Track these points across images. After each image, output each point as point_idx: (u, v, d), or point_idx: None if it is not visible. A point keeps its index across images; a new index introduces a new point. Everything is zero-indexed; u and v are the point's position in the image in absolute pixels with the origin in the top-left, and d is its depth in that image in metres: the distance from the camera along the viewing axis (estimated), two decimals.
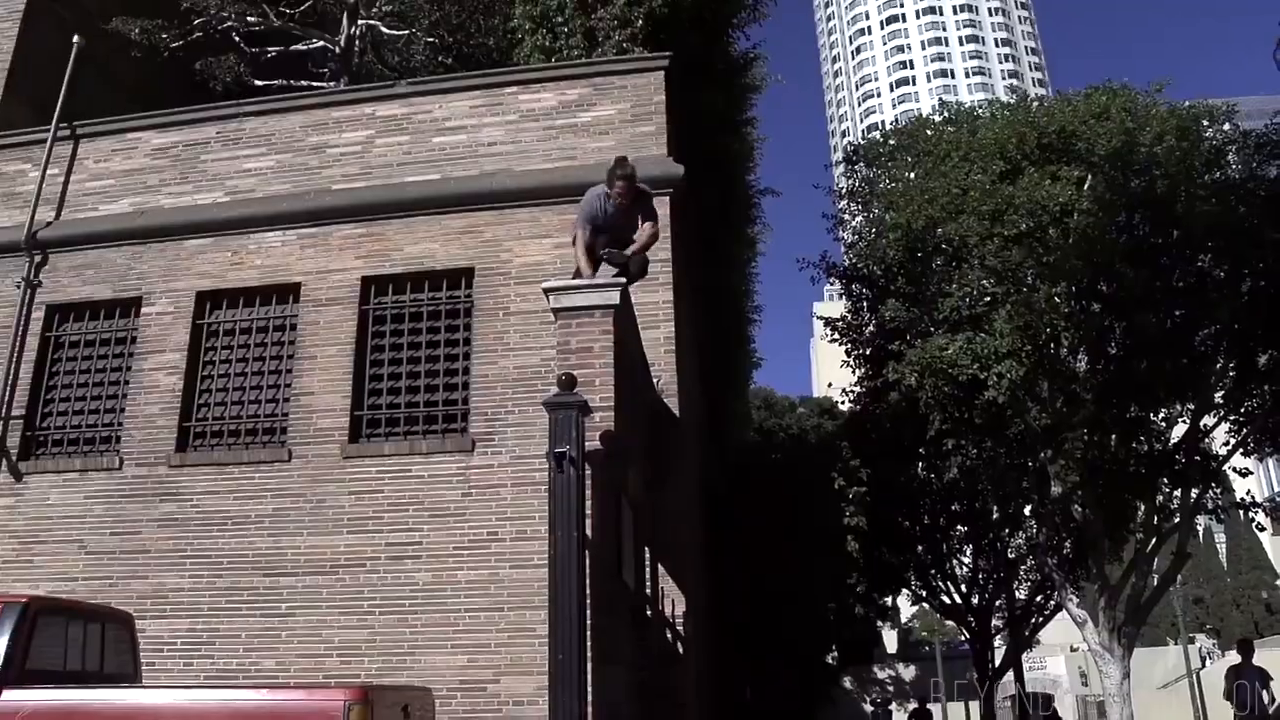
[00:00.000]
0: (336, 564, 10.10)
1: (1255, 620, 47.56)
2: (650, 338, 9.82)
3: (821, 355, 20.48)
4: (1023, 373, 13.85)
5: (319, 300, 11.08)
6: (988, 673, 25.93)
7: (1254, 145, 16.51)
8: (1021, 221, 13.97)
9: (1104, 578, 16.11)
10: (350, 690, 6.92)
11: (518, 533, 9.57)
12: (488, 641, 9.53)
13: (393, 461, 10.32)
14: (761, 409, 23.90)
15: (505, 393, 10.19)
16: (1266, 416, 16.40)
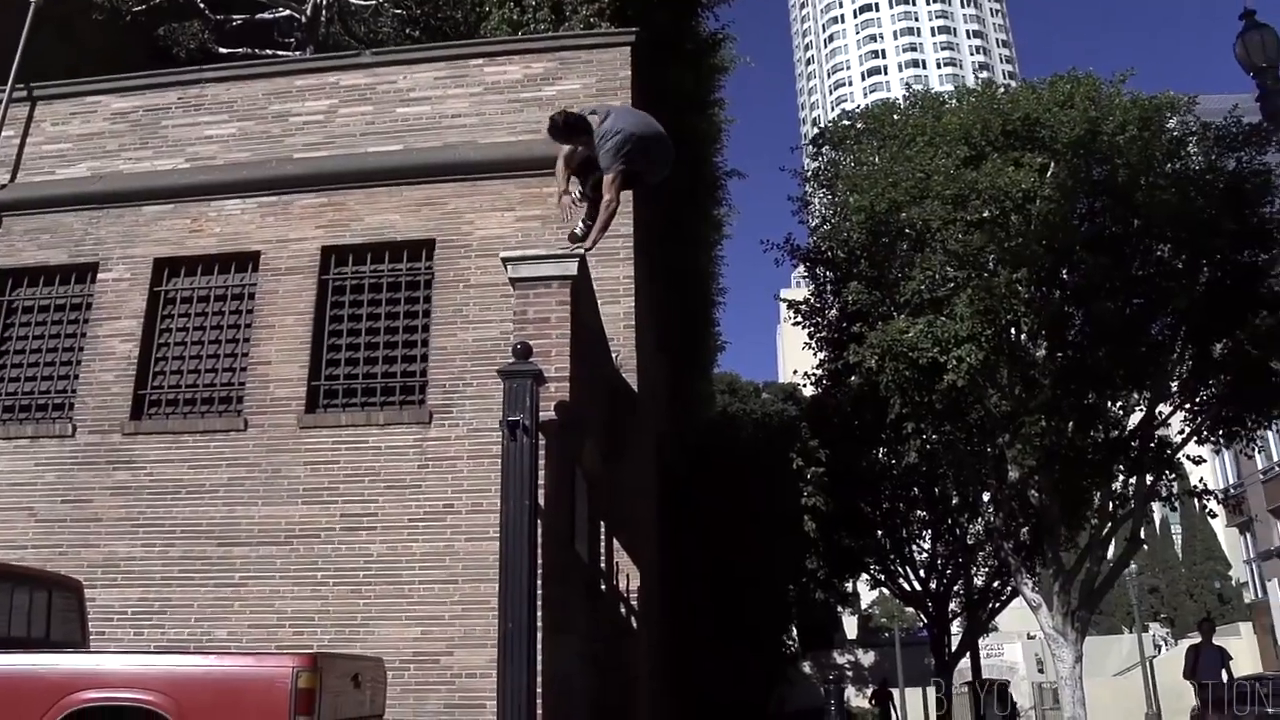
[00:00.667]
0: (291, 534, 10.05)
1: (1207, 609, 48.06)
2: (610, 313, 9.82)
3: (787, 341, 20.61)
4: (982, 357, 13.93)
5: (278, 269, 10.99)
6: (944, 658, 26.16)
7: (1214, 138, 16.64)
8: (984, 207, 14.05)
9: (1059, 563, 16.28)
10: (299, 657, 6.89)
11: (473, 505, 9.54)
12: (441, 614, 9.52)
13: (349, 432, 10.26)
14: (726, 393, 23.94)
15: (464, 365, 10.15)
16: (1220, 406, 16.60)
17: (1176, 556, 70.17)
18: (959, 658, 27.29)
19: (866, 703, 31.10)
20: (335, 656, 7.65)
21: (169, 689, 6.62)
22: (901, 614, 45.08)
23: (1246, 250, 16.15)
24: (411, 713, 9.18)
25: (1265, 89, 14.57)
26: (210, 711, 6.60)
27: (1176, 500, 18.40)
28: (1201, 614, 40.88)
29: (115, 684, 6.65)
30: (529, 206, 10.76)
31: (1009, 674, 45.51)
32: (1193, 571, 66.16)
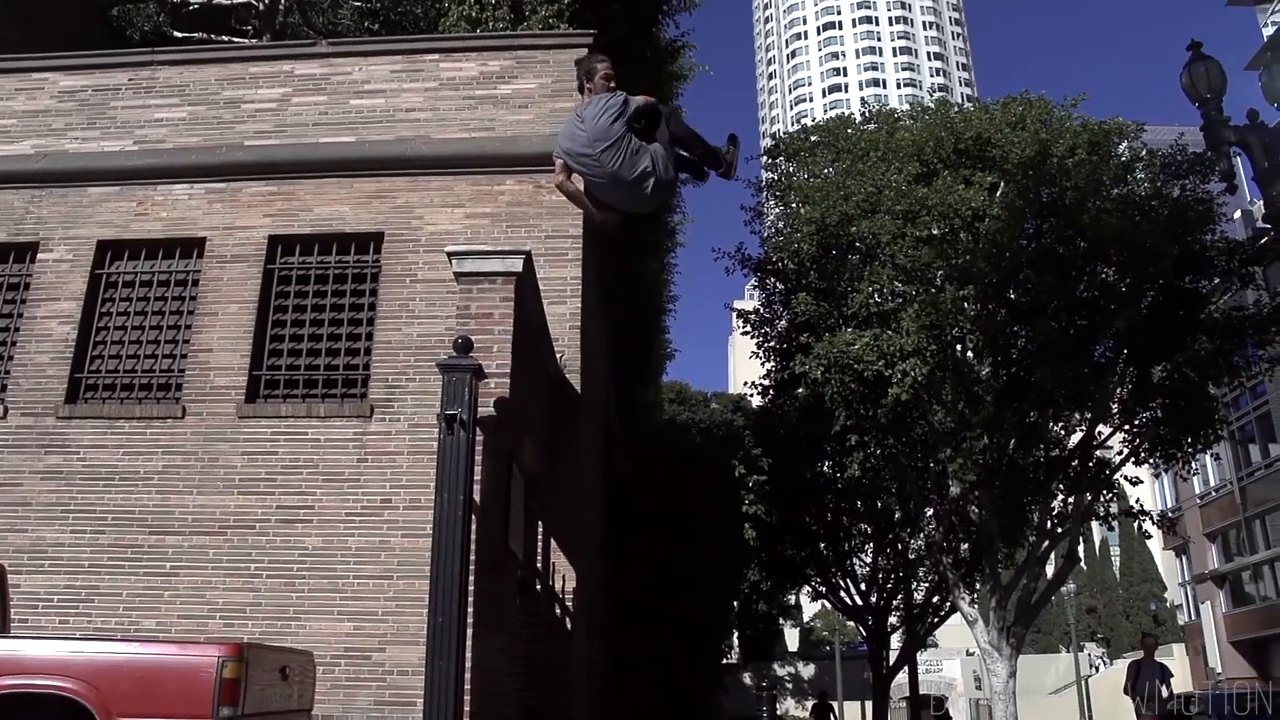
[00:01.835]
0: (225, 525, 9.91)
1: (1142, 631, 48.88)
2: (556, 313, 9.81)
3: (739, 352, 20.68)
4: (926, 371, 14.08)
5: (224, 256, 10.85)
6: (882, 672, 26.36)
7: (1160, 165, 16.95)
8: (934, 223, 14.21)
9: (997, 579, 16.47)
10: (225, 647, 6.78)
11: (411, 501, 9.46)
12: (375, 609, 9.43)
13: (289, 424, 10.15)
14: (675, 402, 23.98)
15: (407, 360, 10.08)
16: (1158, 428, 16.88)
17: (1115, 578, 71.37)
18: (896, 671, 27.51)
19: (808, 714, 31.32)
20: (263, 648, 7.53)
21: (90, 677, 6.50)
22: (843, 628, 45.37)
23: (1188, 276, 16.46)
24: (341, 708, 9.09)
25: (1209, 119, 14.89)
26: (132, 701, 6.48)
27: (1114, 520, 18.68)
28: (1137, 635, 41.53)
29: (33, 670, 6.52)
30: (479, 204, 10.73)
31: (947, 690, 46.12)
32: (1130, 593, 67.30)
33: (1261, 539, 44.14)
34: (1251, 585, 45.70)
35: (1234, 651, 45.36)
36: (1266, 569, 44.16)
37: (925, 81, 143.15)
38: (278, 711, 7.46)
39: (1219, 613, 46.83)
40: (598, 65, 6.23)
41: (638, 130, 5.98)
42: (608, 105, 5.92)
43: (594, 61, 6.30)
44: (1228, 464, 45.50)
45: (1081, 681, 45.74)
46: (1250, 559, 44.68)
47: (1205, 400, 16.91)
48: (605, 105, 5.93)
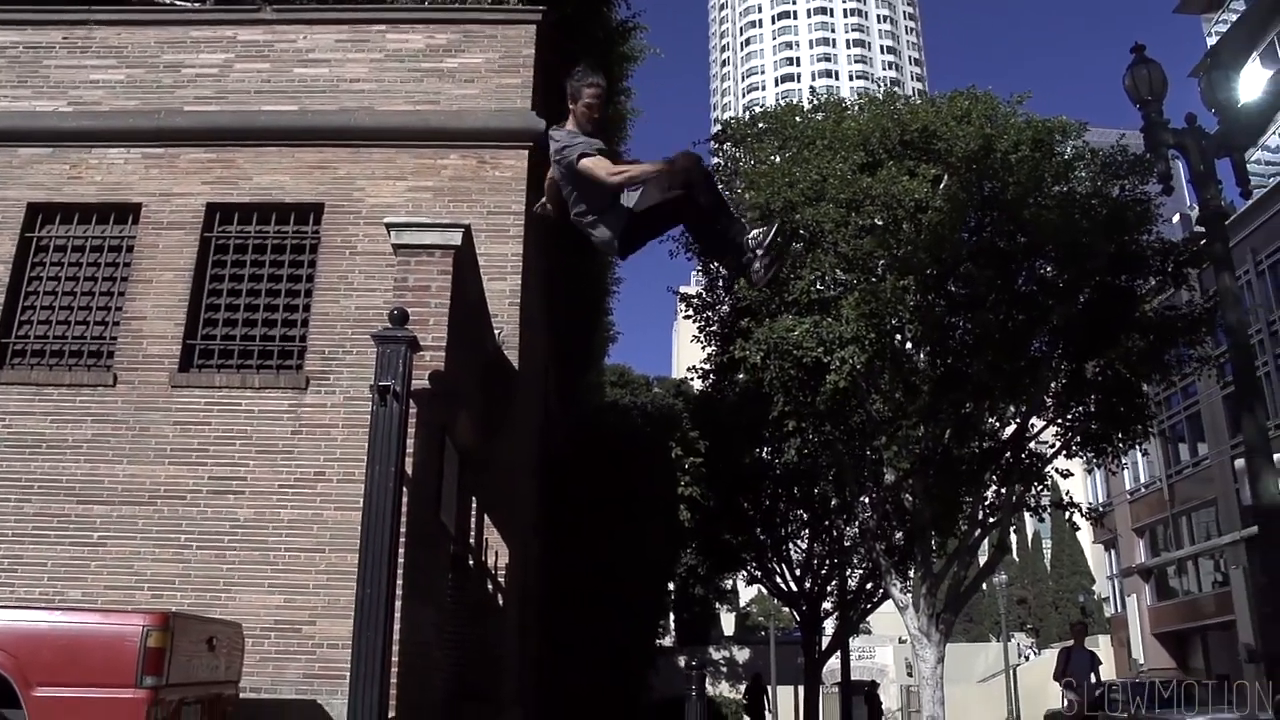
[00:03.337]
0: (155, 495, 9.77)
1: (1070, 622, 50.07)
2: (495, 289, 9.78)
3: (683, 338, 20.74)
4: (865, 359, 14.22)
5: (160, 223, 10.66)
6: (814, 657, 26.66)
7: (1100, 164, 17.22)
8: (877, 213, 14.35)
9: (928, 566, 16.70)
10: (149, 615, 6.71)
11: (345, 474, 9.39)
12: (306, 582, 9.36)
13: (222, 394, 10.02)
14: (617, 385, 24.00)
15: (345, 332, 9.99)
16: (1090, 422, 17.19)
17: (1045, 570, 72.80)
18: (828, 657, 27.86)
19: (742, 697, 31.62)
20: (189, 617, 7.46)
21: (9, 645, 6.39)
22: (778, 613, 45.81)
23: (1124, 275, 16.74)
24: (270, 681, 9.02)
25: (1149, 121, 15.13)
26: (54, 670, 6.39)
27: (1044, 511, 19.01)
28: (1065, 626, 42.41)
29: None
30: (422, 177, 10.65)
31: (879, 676, 46.69)
32: (1060, 585, 68.67)
33: (1187, 535, 45.18)
34: (1176, 580, 46.76)
35: (1157, 643, 46.45)
36: (1190, 564, 45.21)
37: (878, 74, 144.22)
38: (204, 682, 7.40)
39: (1144, 606, 47.90)
40: (584, 90, 5.52)
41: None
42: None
43: (582, 83, 5.54)
44: (1157, 462, 46.49)
45: (1010, 670, 46.59)
46: (1175, 554, 45.71)
47: (1136, 397, 17.24)
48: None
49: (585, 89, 5.50)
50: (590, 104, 5.50)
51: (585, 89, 5.50)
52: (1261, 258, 39.35)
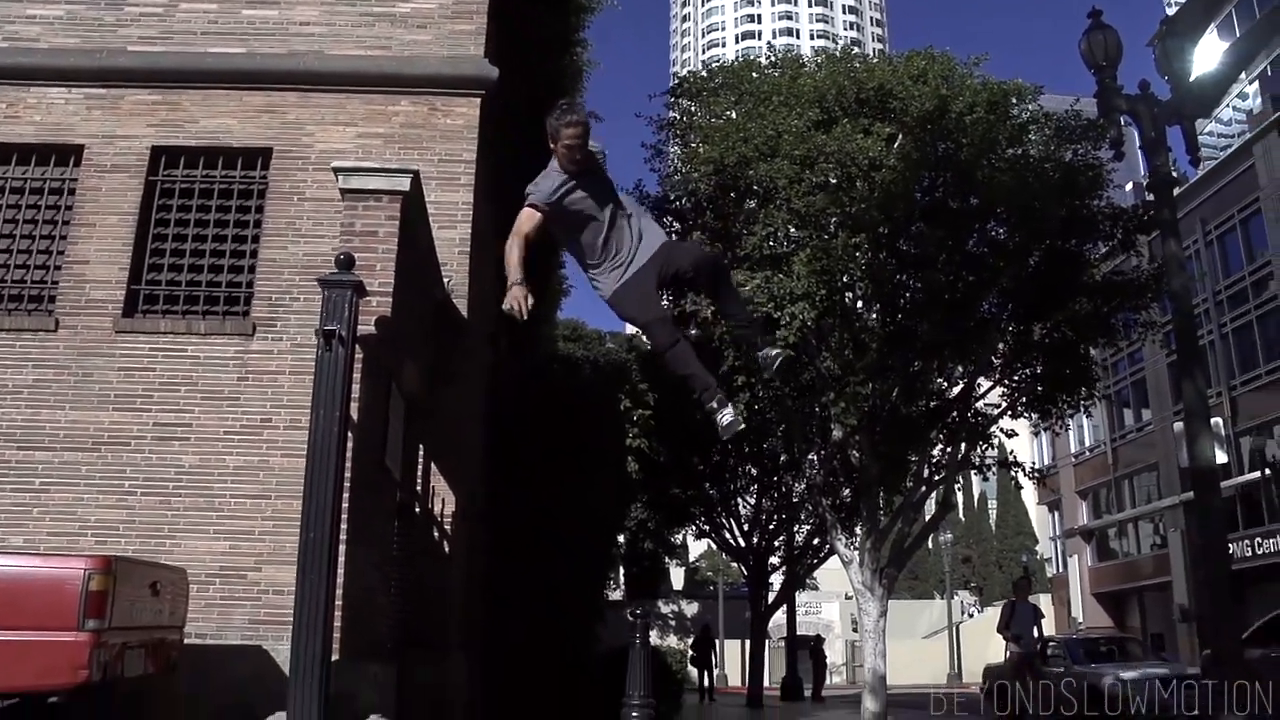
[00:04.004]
0: (99, 441, 9.67)
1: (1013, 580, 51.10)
2: (445, 237, 9.72)
3: None
4: (815, 316, 14.32)
5: (103, 166, 10.46)
6: (760, 610, 27.03)
7: (1054, 128, 17.35)
8: (830, 171, 14.40)
9: (874, 522, 16.93)
10: (92, 559, 6.69)
11: (292, 421, 9.33)
12: (252, 529, 9.34)
13: (167, 340, 9.90)
14: (569, 339, 23.92)
15: (292, 279, 9.90)
16: (1036, 384, 17.44)
17: (990, 530, 74.08)
18: (774, 610, 28.25)
19: (690, 649, 32.05)
20: (132, 562, 7.43)
21: None
22: (727, 568, 46.31)
23: (1074, 239, 16.92)
24: (216, 626, 9.02)
25: (1103, 85, 15.24)
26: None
27: (989, 470, 19.31)
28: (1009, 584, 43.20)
29: None
30: (372, 123, 10.53)
31: (825, 631, 47.55)
32: (1004, 545, 69.94)
33: (1129, 498, 46.11)
34: (1116, 542, 47.78)
35: (1096, 603, 47.52)
36: (1131, 527, 46.19)
37: (839, 33, 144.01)
38: (148, 626, 7.39)
39: (1084, 566, 48.94)
40: (563, 130, 5.08)
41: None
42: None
43: (561, 122, 5.10)
44: (1102, 426, 47.32)
45: (953, 626, 47.52)
46: (1116, 517, 46.67)
47: (1082, 360, 17.50)
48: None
49: (564, 129, 5.09)
50: (570, 145, 5.09)
51: (564, 129, 5.09)
52: (1210, 228, 39.94)
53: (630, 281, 5.23)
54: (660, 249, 5.32)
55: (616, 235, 5.26)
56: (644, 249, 5.29)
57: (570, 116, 5.15)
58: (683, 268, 5.31)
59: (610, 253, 5.27)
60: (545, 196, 5.20)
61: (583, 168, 5.18)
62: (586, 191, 5.22)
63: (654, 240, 5.36)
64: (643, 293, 5.23)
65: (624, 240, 5.27)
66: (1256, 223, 37.86)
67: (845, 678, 51.82)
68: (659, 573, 30.93)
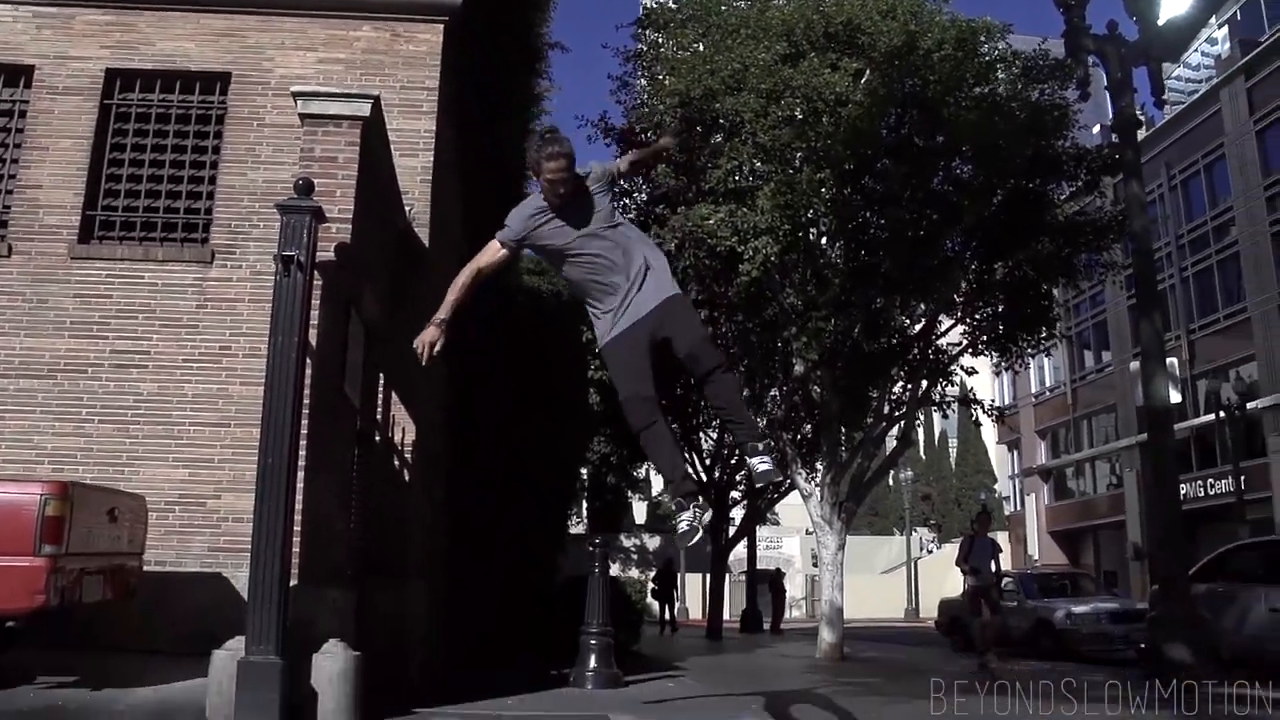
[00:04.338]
0: (55, 369, 9.57)
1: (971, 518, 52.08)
2: (407, 165, 9.61)
3: None
4: (779, 250, 14.31)
5: (55, 88, 10.21)
6: (721, 544, 27.34)
7: (1021, 67, 17.31)
8: (797, 105, 14.33)
9: (834, 457, 17.11)
10: (48, 484, 6.68)
11: (252, 349, 9.26)
12: (211, 457, 9.32)
13: (124, 266, 9.78)
14: (534, 272, 23.77)
15: (251, 206, 9.77)
16: (996, 323, 17.59)
17: (950, 469, 75.11)
18: (734, 544, 28.59)
19: (652, 582, 32.46)
20: (89, 487, 7.41)
21: None
22: None
23: (1039, 179, 16.97)
24: (175, 554, 9.04)
25: (1071, 25, 15.23)
26: None
27: (949, 406, 19.52)
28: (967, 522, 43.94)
29: None
30: (333, 49, 10.35)
31: (786, 566, 48.23)
32: (963, 483, 70.99)
33: (1087, 438, 46.84)
34: (1073, 481, 48.60)
35: (1051, 541, 48.44)
36: (1088, 466, 46.96)
37: None
38: (106, 553, 7.40)
39: (1041, 505, 49.81)
40: (544, 164, 4.88)
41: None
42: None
43: (540, 154, 4.91)
44: (1063, 366, 47.91)
45: (912, 562, 48.39)
46: (1074, 456, 47.43)
47: (1043, 299, 17.65)
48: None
49: (545, 161, 4.88)
50: (552, 180, 4.89)
51: (545, 161, 4.88)
52: (1175, 172, 40.18)
53: (621, 338, 4.99)
54: (661, 306, 4.96)
55: (608, 275, 5.01)
56: (644, 298, 4.98)
57: (551, 149, 4.90)
58: (677, 346, 4.95)
59: (603, 293, 5.05)
60: (514, 234, 5.15)
61: (568, 200, 4.98)
62: (572, 225, 5.02)
63: (656, 290, 4.99)
64: (631, 359, 4.96)
65: (618, 282, 5.00)
66: (1221, 168, 38.13)
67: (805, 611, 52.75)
68: (622, 507, 31.16)
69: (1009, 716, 8.05)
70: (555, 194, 4.96)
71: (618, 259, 5.02)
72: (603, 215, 5.09)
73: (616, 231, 5.11)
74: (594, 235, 5.05)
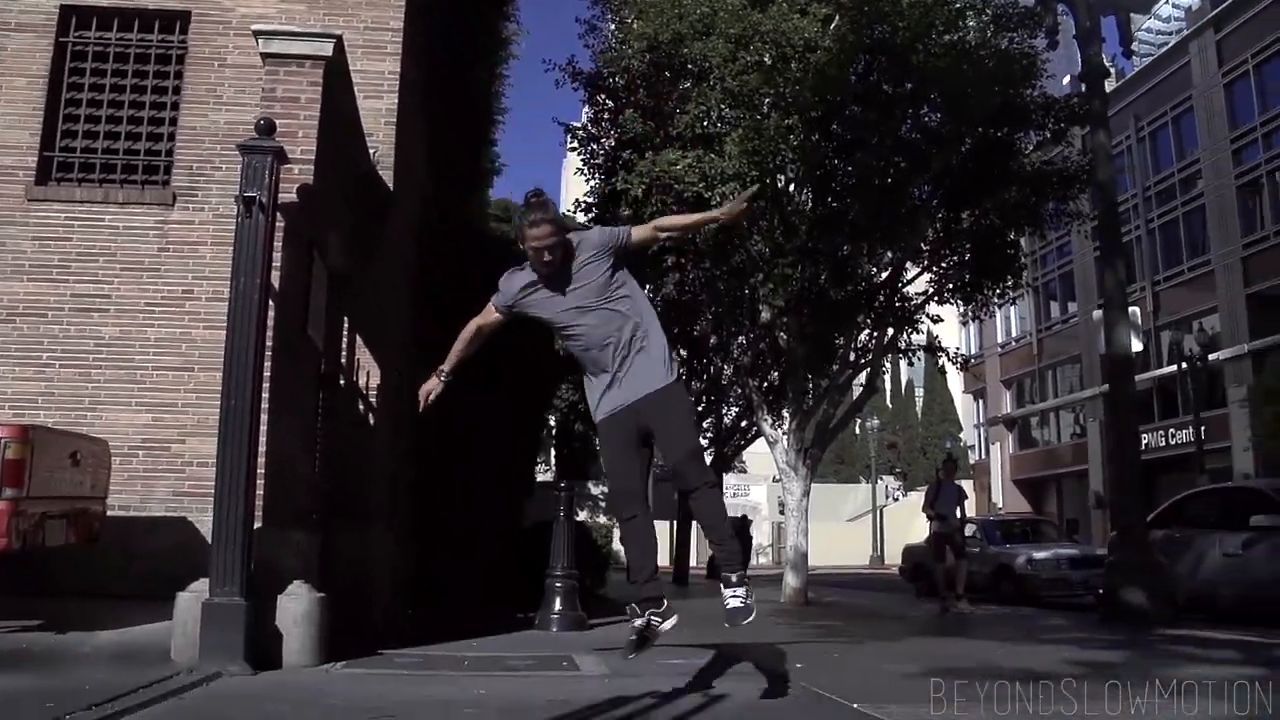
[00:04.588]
0: (14, 312, 9.49)
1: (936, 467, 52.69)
2: (371, 107, 9.50)
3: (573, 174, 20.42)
4: None
5: (7, 25, 9.98)
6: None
7: (991, 15, 17.21)
8: (765, 51, 14.20)
9: (800, 403, 17.19)
10: (8, 428, 6.63)
11: (214, 293, 9.18)
12: (175, 401, 9.29)
13: (84, 209, 9.66)
14: (502, 219, 23.67)
15: (213, 148, 9.64)
16: (962, 271, 17.67)
17: (917, 417, 75.86)
18: None
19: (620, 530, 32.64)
20: (50, 431, 7.37)
21: None
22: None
23: (1006, 128, 16.95)
24: (139, 498, 9.04)
25: None
26: None
27: (914, 353, 19.64)
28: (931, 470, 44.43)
29: None
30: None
31: (752, 513, 48.68)
32: (929, 432, 71.74)
33: (1051, 388, 47.38)
34: (1037, 430, 49.21)
35: (1015, 489, 49.13)
36: (1052, 416, 47.55)
37: None
38: (69, 496, 7.37)
39: (1006, 453, 50.43)
40: (528, 232, 4.87)
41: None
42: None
43: (524, 223, 4.92)
44: (1029, 317, 48.33)
45: (877, 510, 48.93)
46: (1039, 406, 47.98)
47: (1009, 248, 17.71)
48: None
49: (528, 229, 4.87)
50: (536, 249, 4.87)
51: (528, 229, 4.87)
52: (1144, 124, 40.36)
53: (610, 421, 5.00)
54: (651, 399, 4.91)
55: (598, 352, 4.97)
56: (633, 383, 4.93)
57: (533, 216, 4.87)
58: (664, 454, 4.96)
59: (594, 368, 5.02)
60: (506, 300, 5.19)
61: (556, 269, 4.93)
62: (560, 296, 4.98)
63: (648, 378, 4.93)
64: (620, 446, 5.00)
65: (607, 361, 4.96)
66: (1189, 120, 38.35)
67: (771, 558, 53.42)
68: (589, 454, 31.14)
69: (965, 654, 8.20)
70: (541, 262, 4.91)
71: (610, 334, 4.95)
72: (594, 288, 4.98)
73: (612, 304, 4.98)
74: (585, 309, 4.97)
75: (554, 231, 4.84)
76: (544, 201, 4.99)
